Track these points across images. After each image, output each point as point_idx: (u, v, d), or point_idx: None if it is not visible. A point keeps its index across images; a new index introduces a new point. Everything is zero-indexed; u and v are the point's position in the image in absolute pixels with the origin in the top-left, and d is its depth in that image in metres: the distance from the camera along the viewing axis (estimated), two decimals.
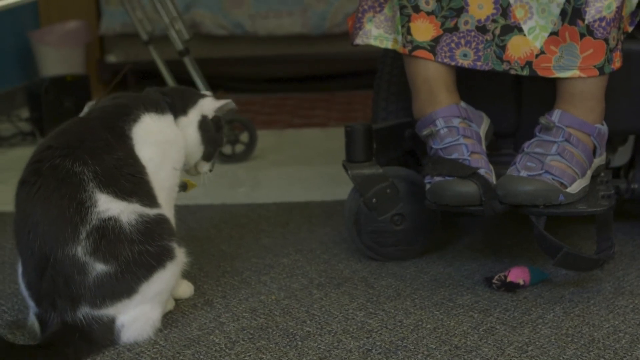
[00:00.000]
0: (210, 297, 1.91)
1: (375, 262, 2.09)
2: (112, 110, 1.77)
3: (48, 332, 1.63)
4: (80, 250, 1.60)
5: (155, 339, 1.70)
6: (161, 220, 1.69)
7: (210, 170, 1.93)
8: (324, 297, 1.89)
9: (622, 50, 1.99)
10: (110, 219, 1.62)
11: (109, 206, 1.63)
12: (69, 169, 1.63)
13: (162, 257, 1.66)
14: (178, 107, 1.84)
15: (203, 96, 1.91)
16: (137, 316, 1.66)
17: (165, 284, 1.68)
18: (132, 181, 1.67)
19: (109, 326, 1.64)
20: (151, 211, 1.67)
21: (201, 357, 1.63)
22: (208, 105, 1.89)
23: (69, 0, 4.73)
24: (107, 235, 1.61)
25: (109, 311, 1.63)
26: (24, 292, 1.67)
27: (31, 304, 1.66)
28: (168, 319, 1.78)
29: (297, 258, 2.13)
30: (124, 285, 1.62)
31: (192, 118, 1.86)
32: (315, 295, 1.90)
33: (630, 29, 2.05)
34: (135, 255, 1.62)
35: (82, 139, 1.68)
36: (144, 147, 1.73)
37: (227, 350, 1.65)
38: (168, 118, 1.81)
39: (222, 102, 1.91)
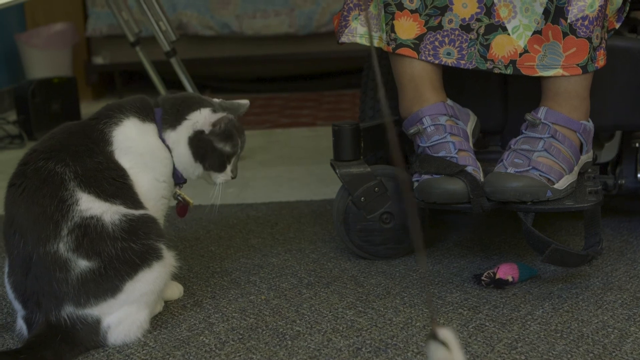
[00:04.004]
0: (199, 297, 1.91)
1: (365, 260, 2.09)
2: (99, 112, 1.77)
3: (30, 335, 1.63)
4: (62, 247, 1.60)
5: (144, 340, 1.69)
6: (148, 220, 1.68)
7: (233, 178, 1.86)
8: (314, 296, 1.89)
9: (608, 46, 2.00)
10: (92, 217, 1.62)
11: (90, 205, 1.63)
12: (50, 169, 1.64)
13: (147, 256, 1.65)
14: (167, 120, 1.79)
15: (199, 108, 1.80)
16: (123, 317, 1.65)
17: (152, 285, 1.67)
18: (114, 185, 1.67)
19: (94, 327, 1.63)
20: (137, 212, 1.67)
21: (191, 358, 1.63)
22: (204, 118, 1.78)
23: (56, 2, 4.72)
24: (89, 233, 1.61)
25: (93, 311, 1.62)
26: (10, 294, 1.67)
27: (18, 306, 1.66)
28: (157, 320, 1.78)
29: (286, 258, 2.13)
30: (108, 282, 1.62)
31: (181, 133, 1.78)
32: (305, 295, 1.90)
33: (617, 25, 2.06)
34: (118, 251, 1.62)
35: (65, 144, 1.69)
36: (123, 154, 1.72)
37: (217, 350, 1.65)
38: (150, 127, 1.77)
39: (220, 114, 1.78)
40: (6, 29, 4.53)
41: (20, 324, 1.67)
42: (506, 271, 1.90)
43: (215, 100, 1.86)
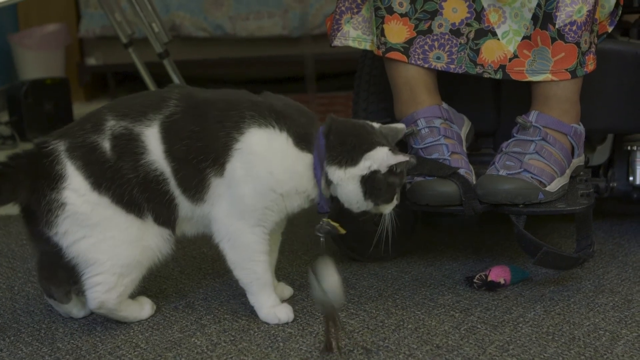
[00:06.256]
0: (191, 299, 1.90)
1: (357, 262, 2.09)
2: (259, 103, 1.74)
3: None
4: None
5: (135, 341, 1.69)
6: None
7: (397, 203, 1.78)
8: (306, 298, 1.89)
9: (600, 49, 2.00)
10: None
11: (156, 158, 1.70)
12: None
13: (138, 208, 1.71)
14: (335, 157, 1.71)
15: (375, 146, 1.71)
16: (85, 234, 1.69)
17: (119, 228, 1.69)
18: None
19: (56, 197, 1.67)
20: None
21: (182, 359, 1.63)
22: (382, 160, 1.70)
23: (49, 3, 4.70)
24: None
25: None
26: None
27: None
28: (149, 322, 1.78)
29: (278, 259, 2.13)
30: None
31: (353, 173, 1.71)
32: (297, 297, 1.90)
33: (609, 28, 2.06)
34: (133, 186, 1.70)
35: (202, 109, 1.72)
36: (245, 154, 1.69)
37: (208, 352, 1.65)
38: (303, 156, 1.72)
39: (400, 157, 1.71)
40: None
41: None
42: (498, 273, 1.90)
43: (375, 125, 1.78)
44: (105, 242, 1.69)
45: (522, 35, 1.93)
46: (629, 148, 2.20)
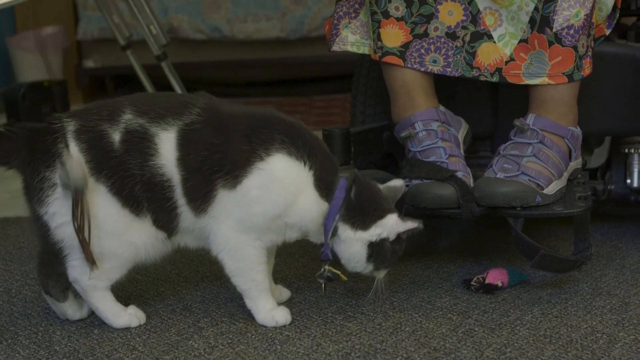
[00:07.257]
0: (189, 302, 1.90)
1: None
2: (287, 125, 1.74)
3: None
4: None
5: (133, 344, 1.69)
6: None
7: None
8: (303, 301, 1.89)
9: (598, 52, 2.00)
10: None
11: (164, 162, 1.68)
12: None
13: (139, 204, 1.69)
14: (348, 217, 1.72)
15: (387, 214, 1.72)
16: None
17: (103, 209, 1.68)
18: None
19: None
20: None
21: None
22: (392, 228, 1.72)
23: (46, 5, 4.71)
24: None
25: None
26: None
27: None
28: (146, 325, 1.78)
29: (275, 262, 2.12)
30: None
31: (362, 236, 1.72)
32: (294, 299, 1.90)
33: (607, 31, 2.07)
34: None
35: (233, 122, 1.71)
36: (263, 176, 1.68)
37: (206, 355, 1.65)
38: (320, 203, 1.72)
39: (409, 224, 1.73)
40: None
41: None
42: (495, 276, 1.90)
43: (380, 186, 1.78)
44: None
45: (519, 39, 1.93)
46: (626, 151, 2.20)
